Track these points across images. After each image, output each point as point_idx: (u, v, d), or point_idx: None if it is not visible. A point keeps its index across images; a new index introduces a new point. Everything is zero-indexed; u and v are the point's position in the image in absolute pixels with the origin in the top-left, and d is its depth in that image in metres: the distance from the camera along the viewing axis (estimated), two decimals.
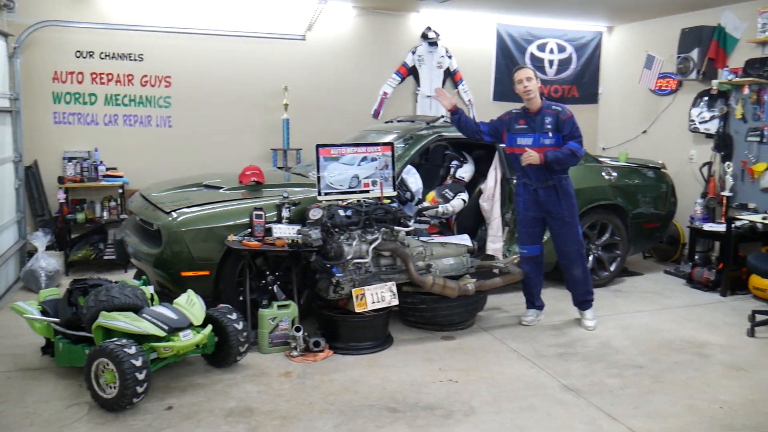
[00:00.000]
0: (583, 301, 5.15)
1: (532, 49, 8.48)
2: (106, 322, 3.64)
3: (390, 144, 5.11)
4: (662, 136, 7.83)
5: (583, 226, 5.24)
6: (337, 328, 4.51)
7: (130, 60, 6.84)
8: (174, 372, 4.02)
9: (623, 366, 4.34)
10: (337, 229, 4.50)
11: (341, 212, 4.57)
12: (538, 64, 8.43)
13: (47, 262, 5.82)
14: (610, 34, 8.78)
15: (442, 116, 6.12)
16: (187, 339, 3.75)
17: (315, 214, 4.55)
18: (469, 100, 8.23)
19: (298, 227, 4.57)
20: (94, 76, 6.73)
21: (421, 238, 5.06)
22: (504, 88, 8.34)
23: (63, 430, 3.32)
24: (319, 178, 4.80)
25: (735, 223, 6.12)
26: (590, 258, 6.08)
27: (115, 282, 4.09)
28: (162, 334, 3.67)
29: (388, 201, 4.91)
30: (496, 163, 5.73)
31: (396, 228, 4.69)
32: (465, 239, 5.29)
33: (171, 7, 6.91)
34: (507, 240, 5.73)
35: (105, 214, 6.56)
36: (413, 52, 7.90)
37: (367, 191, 4.93)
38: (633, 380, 4.11)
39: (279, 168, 7.13)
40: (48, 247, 6.00)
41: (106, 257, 6.42)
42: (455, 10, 7.74)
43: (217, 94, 7.20)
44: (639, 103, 8.21)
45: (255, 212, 4.54)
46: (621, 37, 8.63)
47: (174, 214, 4.59)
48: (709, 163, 7.02)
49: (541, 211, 4.96)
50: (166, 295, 4.47)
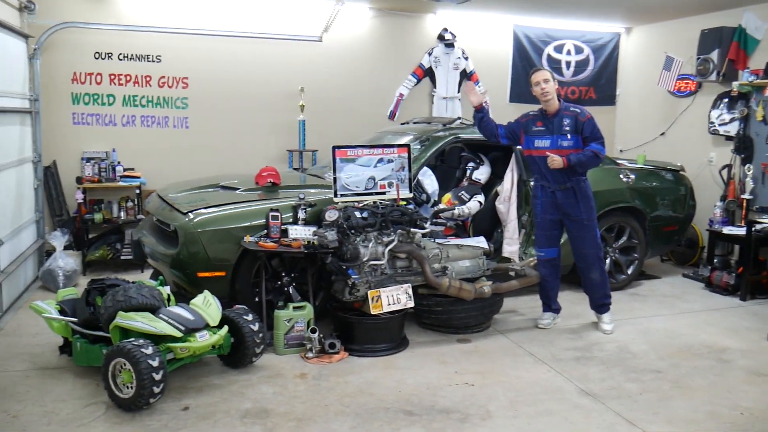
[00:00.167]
0: (601, 305, 5.10)
1: (549, 50, 8.43)
2: (123, 322, 3.65)
3: (406, 146, 5.09)
4: (681, 139, 7.75)
5: (601, 229, 5.20)
6: (353, 330, 4.50)
7: (148, 61, 6.89)
8: (190, 372, 4.03)
9: (642, 370, 4.29)
10: (353, 231, 4.49)
11: (357, 214, 4.55)
12: (555, 66, 8.37)
13: (65, 261, 5.86)
14: (629, 35, 8.71)
15: (459, 118, 6.10)
16: (204, 340, 3.76)
17: (331, 216, 4.55)
18: (486, 102, 8.16)
19: (314, 228, 4.56)
20: (113, 77, 6.79)
21: (437, 240, 5.04)
22: (521, 90, 8.30)
23: (80, 429, 3.34)
24: (335, 180, 4.80)
25: (755, 227, 6.04)
26: (607, 261, 6.02)
27: (133, 282, 4.11)
28: (178, 334, 3.68)
29: (404, 203, 4.90)
30: (512, 165, 5.69)
31: (412, 230, 4.67)
32: (481, 241, 5.26)
33: (188, 9, 6.95)
34: (523, 242, 5.69)
35: (122, 214, 6.60)
36: (429, 54, 7.88)
37: (383, 193, 4.91)
38: (652, 385, 4.06)
39: (295, 169, 7.14)
40: (66, 247, 6.05)
41: (123, 257, 6.46)
42: (472, 11, 7.71)
43: (233, 95, 7.22)
44: (657, 105, 8.13)
45: (271, 213, 4.53)
46: (639, 38, 8.56)
47: (191, 215, 4.61)
48: (729, 166, 6.93)
49: (559, 214, 4.92)
50: (183, 296, 4.49)
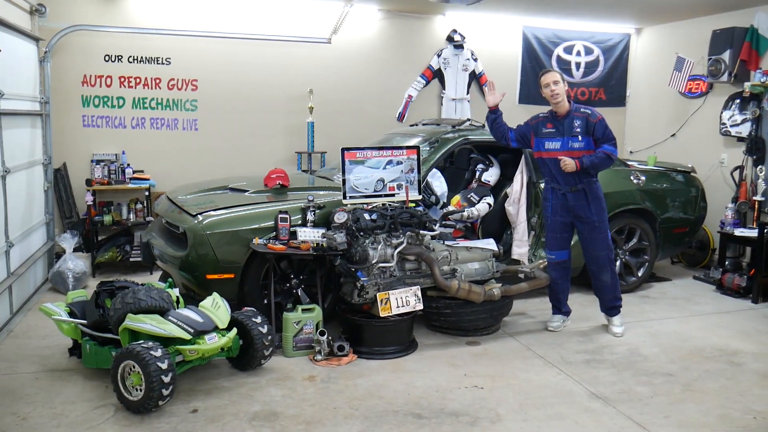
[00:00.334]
0: (611, 307, 5.07)
1: (559, 51, 8.39)
2: (132, 324, 3.66)
3: (416, 147, 5.08)
4: (692, 140, 7.69)
5: (611, 231, 5.17)
6: (362, 333, 4.49)
7: (158, 64, 6.91)
8: (199, 375, 4.03)
9: (653, 374, 4.26)
10: (362, 233, 4.48)
11: (366, 216, 4.54)
12: (564, 67, 8.33)
13: (75, 263, 5.88)
14: (639, 36, 8.66)
15: (468, 119, 6.08)
16: (213, 342, 3.76)
17: (340, 218, 4.54)
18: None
19: (323, 231, 4.56)
20: (123, 79, 6.82)
21: (447, 243, 5.02)
22: (530, 91, 8.27)
23: (89, 431, 3.34)
24: (344, 182, 4.79)
25: (767, 229, 5.98)
26: (617, 263, 5.98)
27: (142, 284, 4.12)
28: (187, 337, 3.68)
29: (413, 205, 4.89)
30: (522, 167, 5.66)
31: (421, 232, 4.66)
32: (490, 243, 5.23)
33: (198, 11, 6.97)
34: (533, 244, 5.67)
35: (131, 216, 6.62)
36: (438, 55, 7.86)
37: (393, 195, 4.90)
38: (663, 388, 4.03)
39: (304, 171, 7.15)
40: (75, 249, 6.07)
41: (132, 259, 6.48)
42: (481, 12, 7.68)
43: (242, 97, 7.24)
44: (668, 106, 8.08)
45: (280, 215, 4.53)
46: (650, 38, 8.51)
47: (200, 217, 4.61)
48: (741, 167, 6.87)
49: (570, 216, 4.89)
50: (192, 298, 4.50)
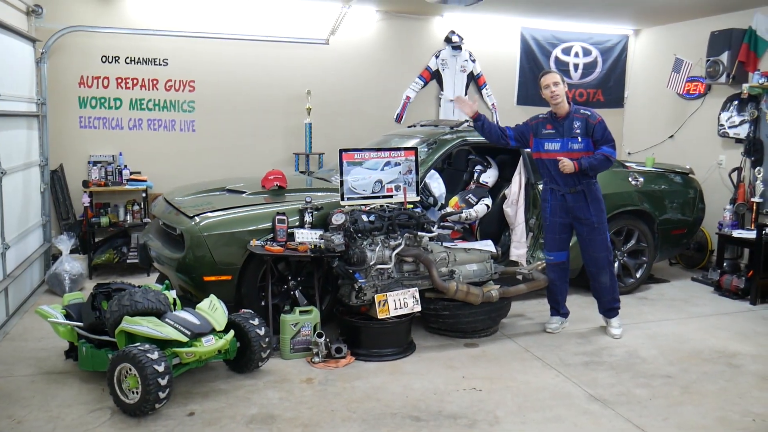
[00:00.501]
0: (610, 309, 5.06)
1: (557, 52, 8.39)
2: (129, 326, 3.64)
3: (414, 149, 5.07)
4: (690, 141, 7.69)
5: (609, 232, 5.16)
6: (359, 335, 4.47)
7: (155, 65, 6.89)
8: (196, 377, 4.02)
9: (651, 376, 4.25)
10: (359, 235, 4.47)
11: (364, 217, 4.53)
12: (563, 68, 8.33)
13: (71, 265, 5.86)
14: (637, 37, 8.66)
15: (466, 120, 6.04)
16: (210, 344, 3.74)
17: (338, 219, 4.53)
18: (493, 104, 8.17)
19: (320, 232, 4.54)
20: (120, 80, 6.79)
21: (445, 244, 5.00)
22: (528, 93, 8.28)
23: None
24: (342, 183, 4.78)
25: (765, 230, 5.97)
26: (616, 264, 5.97)
27: (138, 286, 4.10)
28: (184, 339, 3.66)
29: (411, 206, 4.87)
30: (520, 168, 5.65)
31: (419, 233, 4.64)
32: (488, 245, 5.22)
33: (195, 12, 6.95)
34: (531, 246, 5.65)
35: (128, 217, 6.59)
36: (437, 56, 7.85)
37: (391, 196, 4.89)
38: (662, 391, 4.02)
39: (301, 172, 7.13)
40: (72, 251, 6.05)
41: (129, 261, 6.46)
42: (479, 13, 7.68)
43: (240, 98, 7.22)
44: (666, 108, 8.08)
45: (277, 217, 4.52)
46: (648, 40, 8.51)
47: (197, 219, 4.59)
48: (739, 169, 6.87)
49: (569, 217, 4.88)
50: (189, 300, 4.48)
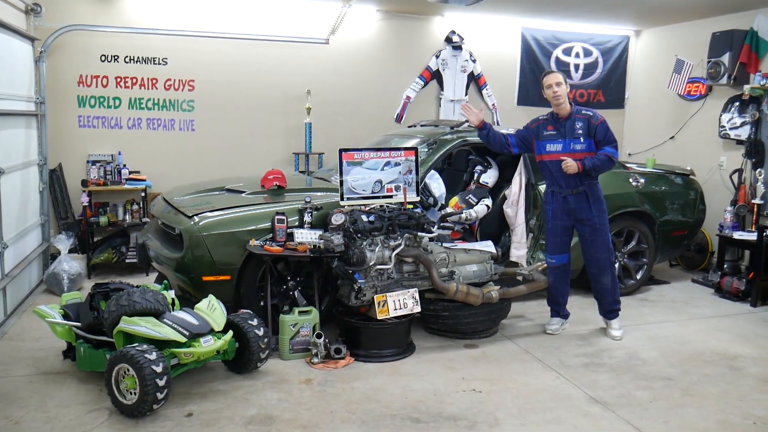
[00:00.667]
0: (610, 311, 5.04)
1: (558, 53, 8.37)
2: (127, 327, 3.61)
3: (414, 149, 5.05)
4: (691, 142, 7.68)
5: (610, 233, 5.15)
6: (359, 335, 4.45)
7: (154, 64, 6.87)
8: (194, 378, 3.99)
9: (652, 378, 4.23)
10: (359, 235, 4.44)
11: (364, 217, 4.51)
12: (563, 69, 8.30)
13: (70, 265, 5.83)
14: (638, 38, 8.65)
15: (466, 121, 6.03)
16: (208, 345, 3.71)
17: (337, 219, 4.51)
18: (494, 105, 8.15)
19: (320, 232, 4.52)
20: (119, 79, 6.77)
21: (445, 245, 4.99)
22: (528, 93, 8.27)
23: None
24: (341, 183, 4.76)
25: (766, 232, 5.96)
26: (616, 266, 5.95)
27: (137, 286, 4.07)
28: (183, 339, 3.64)
29: (411, 206, 4.85)
30: (520, 169, 5.64)
31: (419, 234, 4.62)
32: (489, 246, 5.20)
33: (195, 11, 6.93)
34: (531, 247, 5.63)
35: (127, 217, 6.57)
36: (437, 56, 7.83)
37: (390, 196, 4.87)
38: (663, 393, 4.00)
39: (301, 172, 7.11)
40: (71, 250, 6.03)
41: (128, 260, 6.43)
42: (480, 13, 7.66)
43: (240, 97, 7.20)
44: (667, 109, 8.06)
45: (277, 217, 4.50)
46: (649, 41, 8.49)
47: (196, 218, 4.57)
48: (740, 170, 6.85)
49: (571, 219, 4.87)
50: (187, 300, 4.46)
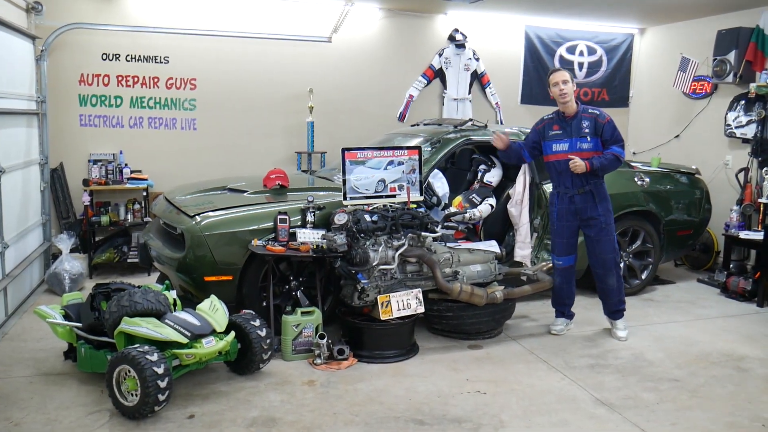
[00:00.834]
0: (615, 311, 4.99)
1: (562, 51, 8.32)
2: (128, 328, 3.58)
3: (417, 147, 5.01)
4: (696, 141, 7.63)
5: (615, 233, 5.12)
6: (362, 336, 4.41)
7: (156, 62, 6.83)
8: (196, 379, 3.96)
9: (659, 379, 4.18)
10: (362, 235, 4.40)
11: (367, 217, 4.47)
12: (567, 67, 8.21)
13: (71, 264, 5.80)
14: (642, 36, 8.59)
15: (470, 119, 6.00)
16: (210, 346, 3.68)
17: (340, 219, 4.46)
18: (497, 103, 8.11)
19: (322, 232, 4.48)
20: (120, 78, 6.74)
21: (448, 244, 4.94)
22: (532, 91, 8.23)
23: None
24: (344, 182, 4.72)
25: None
26: (621, 265, 5.89)
27: (138, 287, 4.04)
28: (184, 340, 3.61)
29: (415, 206, 4.81)
30: (524, 168, 5.58)
31: (423, 234, 4.58)
32: (493, 245, 5.16)
33: (196, 10, 6.90)
34: (536, 246, 5.59)
35: (129, 216, 6.54)
36: (440, 55, 7.79)
37: (394, 196, 4.83)
38: (669, 394, 3.95)
39: (303, 171, 7.08)
40: (72, 250, 6.00)
41: (129, 260, 6.40)
42: (483, 11, 7.61)
43: (242, 96, 7.16)
44: (671, 107, 8.01)
45: (279, 216, 4.46)
46: (654, 39, 8.44)
47: (198, 218, 4.54)
48: (746, 169, 6.80)
49: (577, 220, 4.82)
50: (189, 300, 4.42)
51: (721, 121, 7.17)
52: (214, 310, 3.94)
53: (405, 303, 4.41)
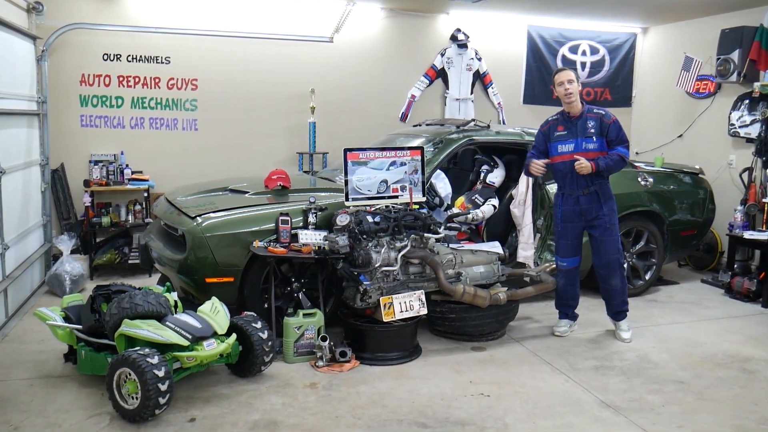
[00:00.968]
0: (618, 312, 4.95)
1: (564, 50, 8.29)
2: (128, 330, 3.55)
3: (420, 148, 4.97)
4: (700, 141, 7.58)
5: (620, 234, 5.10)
6: (364, 338, 4.38)
7: (157, 63, 6.81)
8: (197, 382, 3.92)
9: (664, 381, 4.14)
10: (365, 236, 4.37)
11: (369, 218, 4.44)
12: (569, 67, 8.16)
13: (72, 266, 5.78)
14: (645, 35, 8.55)
15: (473, 120, 5.97)
16: (211, 348, 3.65)
17: (342, 220, 4.43)
18: (499, 103, 8.07)
19: (324, 233, 4.45)
20: (121, 78, 6.71)
21: (451, 246, 4.91)
22: (534, 91, 8.20)
23: None
24: (346, 183, 4.69)
25: None
26: (625, 266, 5.86)
27: (139, 288, 4.01)
28: (185, 343, 3.58)
29: (417, 207, 4.78)
30: None
31: (426, 235, 4.55)
32: (496, 246, 5.13)
33: (198, 10, 6.87)
34: (539, 247, 5.55)
35: (130, 217, 6.51)
36: (442, 55, 7.76)
37: (396, 197, 4.80)
38: (675, 397, 3.91)
39: (305, 172, 7.04)
40: (73, 251, 5.97)
41: (130, 261, 6.37)
42: (485, 11, 7.58)
43: (243, 97, 7.13)
44: (675, 107, 7.97)
45: (281, 217, 4.44)
46: (656, 38, 8.40)
47: (199, 219, 4.51)
48: (750, 169, 6.76)
49: (582, 221, 4.78)
50: (190, 302, 4.39)
51: (724, 121, 7.13)
52: (216, 312, 3.91)
53: (408, 305, 4.38)
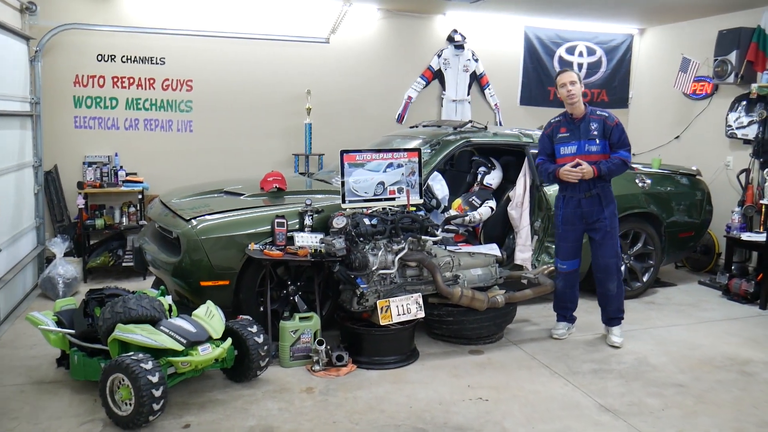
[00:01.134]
0: (614, 318, 4.91)
1: (561, 52, 8.27)
2: (122, 335, 3.50)
3: (417, 150, 4.93)
4: (697, 142, 7.57)
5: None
6: (361, 342, 4.34)
7: (152, 63, 6.75)
8: (192, 387, 3.88)
9: (663, 384, 4.12)
10: (361, 239, 4.33)
11: (366, 220, 4.40)
12: (566, 68, 8.19)
13: (65, 268, 5.72)
14: (642, 37, 8.54)
15: (470, 121, 5.93)
16: (206, 353, 3.60)
17: (339, 223, 4.39)
18: (496, 105, 8.05)
19: (321, 236, 4.41)
20: (116, 79, 6.66)
21: (449, 248, 4.88)
22: (531, 93, 8.18)
23: None
24: (343, 185, 4.65)
25: None
26: (622, 268, 5.83)
27: (133, 292, 3.96)
28: (180, 348, 3.53)
29: (414, 209, 4.74)
30: (525, 170, 5.53)
31: (423, 237, 4.51)
32: (493, 249, 5.09)
33: (193, 10, 6.82)
34: (536, 249, 5.52)
35: (124, 220, 6.45)
36: (439, 56, 7.72)
37: (393, 199, 4.76)
38: (674, 400, 3.89)
39: (301, 174, 7.00)
40: (66, 254, 5.91)
41: (124, 264, 6.32)
42: (482, 12, 7.55)
43: (239, 98, 7.08)
44: (672, 108, 7.95)
45: (277, 220, 4.40)
46: (653, 39, 8.38)
47: (194, 222, 4.47)
48: (747, 170, 6.75)
49: (583, 224, 4.75)
50: (185, 306, 4.34)
51: (722, 122, 7.12)
52: (211, 316, 3.86)
53: (405, 308, 4.34)
